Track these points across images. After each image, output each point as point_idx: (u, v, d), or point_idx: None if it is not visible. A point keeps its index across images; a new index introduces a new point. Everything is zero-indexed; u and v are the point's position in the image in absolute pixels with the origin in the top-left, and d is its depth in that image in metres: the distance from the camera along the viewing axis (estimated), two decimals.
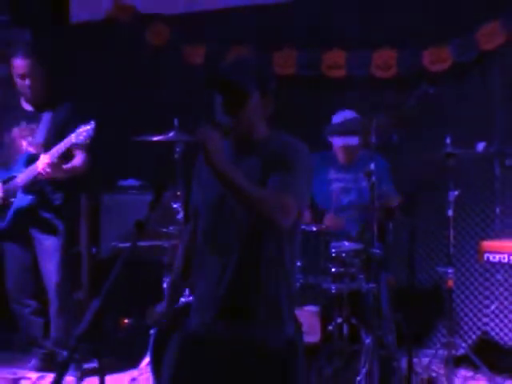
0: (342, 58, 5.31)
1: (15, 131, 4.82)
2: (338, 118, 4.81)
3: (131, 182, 5.43)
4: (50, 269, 4.78)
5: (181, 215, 4.51)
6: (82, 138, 4.49)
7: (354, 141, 4.81)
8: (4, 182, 4.79)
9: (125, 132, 4.79)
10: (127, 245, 2.51)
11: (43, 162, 4.53)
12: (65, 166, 4.67)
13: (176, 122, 4.43)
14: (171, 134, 4.41)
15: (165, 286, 4.51)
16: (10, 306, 4.96)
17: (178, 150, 4.50)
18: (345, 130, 4.67)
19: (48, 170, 4.54)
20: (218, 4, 5.53)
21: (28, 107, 4.85)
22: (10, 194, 4.75)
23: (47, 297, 4.84)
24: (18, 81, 4.76)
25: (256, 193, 2.44)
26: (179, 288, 2.94)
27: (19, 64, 4.73)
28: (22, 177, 4.70)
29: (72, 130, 4.54)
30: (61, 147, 4.55)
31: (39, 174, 4.57)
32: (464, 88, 5.01)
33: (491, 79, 5.01)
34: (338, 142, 4.88)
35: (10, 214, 4.76)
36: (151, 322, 3.25)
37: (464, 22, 4.98)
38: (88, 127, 4.48)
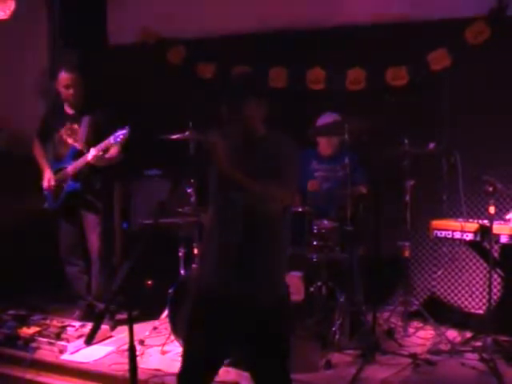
0: (323, 75, 5.27)
1: (62, 131, 4.83)
2: (323, 119, 4.75)
3: (155, 171, 5.40)
4: (93, 238, 4.82)
5: (193, 198, 4.47)
6: (119, 139, 4.52)
7: (335, 138, 4.77)
8: (56, 172, 4.81)
9: (150, 132, 4.72)
10: (151, 221, 2.47)
11: (92, 154, 4.59)
12: (104, 156, 4.68)
13: (190, 124, 4.40)
14: (186, 134, 4.40)
15: (180, 254, 4.45)
16: (62, 267, 4.94)
17: (191, 146, 4.47)
18: (328, 129, 4.60)
19: (95, 160, 4.60)
20: (225, 30, 5.43)
21: (70, 111, 4.85)
22: (62, 181, 4.77)
23: (90, 260, 4.86)
24: (63, 90, 4.76)
25: (259, 187, 2.42)
26: None
27: (64, 77, 4.73)
28: (71, 167, 4.73)
29: (106, 129, 4.56)
30: (102, 145, 4.59)
31: (88, 162, 4.62)
32: (418, 100, 4.95)
33: (439, 93, 4.95)
34: (323, 139, 4.83)
35: (62, 196, 4.80)
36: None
37: (418, 47, 4.92)
38: (124, 131, 4.50)
